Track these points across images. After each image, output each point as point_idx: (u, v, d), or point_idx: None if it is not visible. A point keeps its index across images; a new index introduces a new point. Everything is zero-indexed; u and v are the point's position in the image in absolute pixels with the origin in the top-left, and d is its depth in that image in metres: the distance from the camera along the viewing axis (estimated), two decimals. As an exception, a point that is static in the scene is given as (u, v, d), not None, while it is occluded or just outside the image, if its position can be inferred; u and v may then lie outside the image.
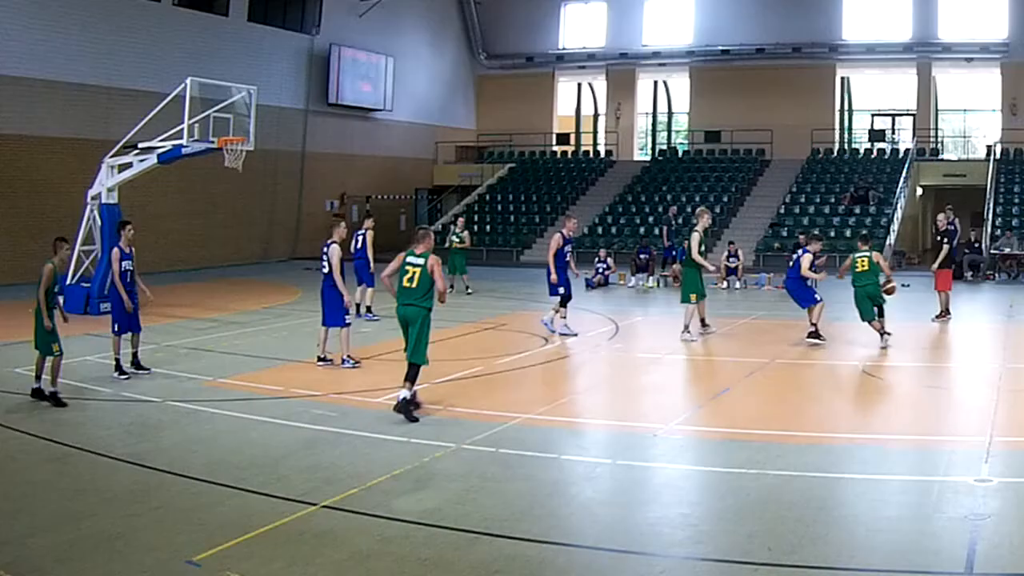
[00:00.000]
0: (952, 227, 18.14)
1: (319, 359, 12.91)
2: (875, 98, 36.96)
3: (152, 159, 18.21)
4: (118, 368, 12.03)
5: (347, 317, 12.75)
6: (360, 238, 17.96)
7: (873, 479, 7.78)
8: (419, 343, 9.90)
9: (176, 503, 7.25)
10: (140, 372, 12.18)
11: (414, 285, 9.91)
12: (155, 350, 13.86)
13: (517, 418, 9.85)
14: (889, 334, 14.17)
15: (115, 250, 12.38)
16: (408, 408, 9.75)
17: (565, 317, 15.55)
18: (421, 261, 9.94)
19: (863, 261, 14.30)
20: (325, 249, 12.73)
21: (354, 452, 8.65)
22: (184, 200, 26.74)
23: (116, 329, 12.23)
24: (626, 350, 14.88)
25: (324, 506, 7.11)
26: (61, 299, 11.69)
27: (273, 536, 6.53)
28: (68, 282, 18.94)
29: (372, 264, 17.23)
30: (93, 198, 18.87)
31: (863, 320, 14.39)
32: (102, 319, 17.52)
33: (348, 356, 12.75)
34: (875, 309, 14.31)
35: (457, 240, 22.37)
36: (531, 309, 19.54)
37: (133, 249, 12.54)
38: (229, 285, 24.08)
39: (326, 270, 12.68)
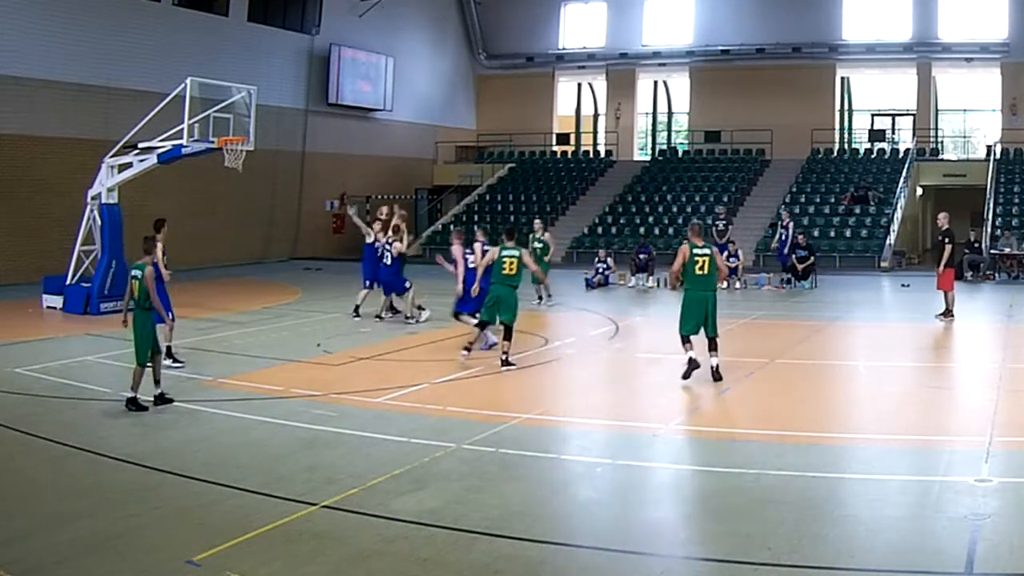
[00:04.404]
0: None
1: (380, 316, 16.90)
2: (875, 98, 36.94)
3: (152, 159, 18.20)
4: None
5: (406, 283, 16.79)
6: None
7: (873, 479, 7.78)
8: (715, 319, 11.69)
9: (176, 503, 7.25)
10: None
11: (707, 272, 11.59)
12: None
13: (517, 418, 9.85)
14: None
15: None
16: (721, 374, 11.53)
17: None
18: (708, 251, 11.70)
19: (511, 263, 12.59)
20: (388, 246, 16.71)
21: (354, 452, 8.65)
22: (184, 200, 26.72)
23: None
24: (626, 350, 14.88)
25: (324, 506, 7.11)
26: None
27: (273, 536, 6.53)
28: (68, 282, 18.97)
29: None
30: (93, 198, 18.86)
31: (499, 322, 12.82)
32: (102, 319, 17.55)
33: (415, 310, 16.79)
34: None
35: (540, 246, 20.84)
36: (531, 309, 19.53)
37: None
38: (229, 285, 24.08)
39: (388, 261, 16.73)
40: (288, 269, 29.31)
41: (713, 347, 11.64)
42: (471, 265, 14.81)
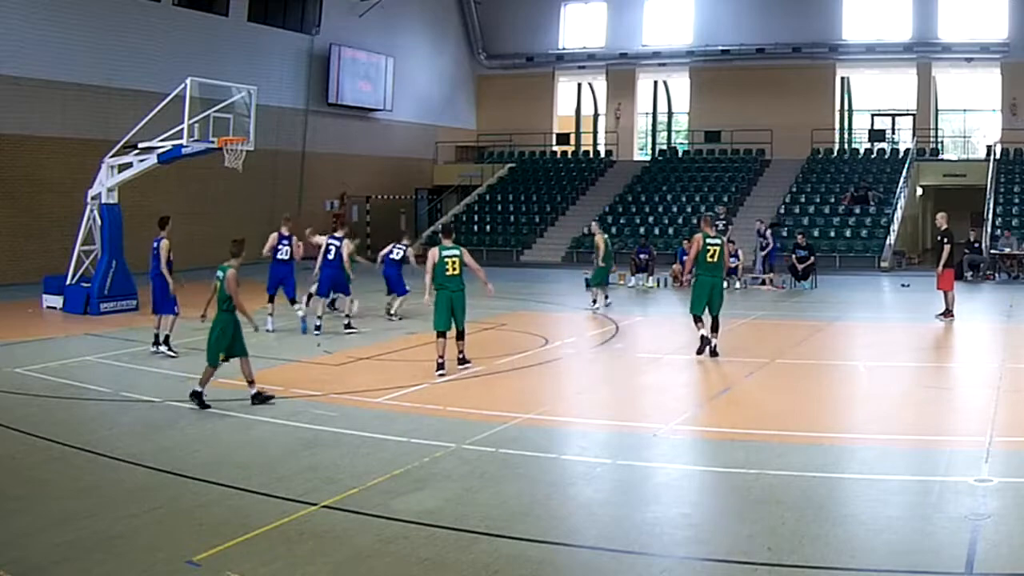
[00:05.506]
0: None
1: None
2: (875, 98, 36.95)
3: (152, 159, 18.19)
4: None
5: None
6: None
7: (873, 479, 7.78)
8: (720, 302, 13.30)
9: (176, 503, 7.24)
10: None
11: (716, 260, 13.17)
12: (154, 350, 13.86)
13: (517, 418, 9.85)
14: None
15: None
16: (717, 351, 13.11)
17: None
18: (719, 241, 13.27)
19: (453, 263, 12.19)
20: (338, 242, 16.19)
21: (354, 452, 8.65)
22: (184, 200, 26.69)
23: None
24: (626, 350, 14.87)
25: (324, 506, 7.11)
26: None
27: (273, 536, 6.52)
28: (68, 282, 18.96)
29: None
30: (93, 198, 18.85)
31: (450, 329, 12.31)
32: (102, 319, 17.56)
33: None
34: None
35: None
36: (531, 309, 19.54)
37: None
38: (229, 285, 24.02)
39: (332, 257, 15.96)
40: (288, 269, 29.24)
41: (715, 327, 13.22)
42: (280, 257, 15.83)
